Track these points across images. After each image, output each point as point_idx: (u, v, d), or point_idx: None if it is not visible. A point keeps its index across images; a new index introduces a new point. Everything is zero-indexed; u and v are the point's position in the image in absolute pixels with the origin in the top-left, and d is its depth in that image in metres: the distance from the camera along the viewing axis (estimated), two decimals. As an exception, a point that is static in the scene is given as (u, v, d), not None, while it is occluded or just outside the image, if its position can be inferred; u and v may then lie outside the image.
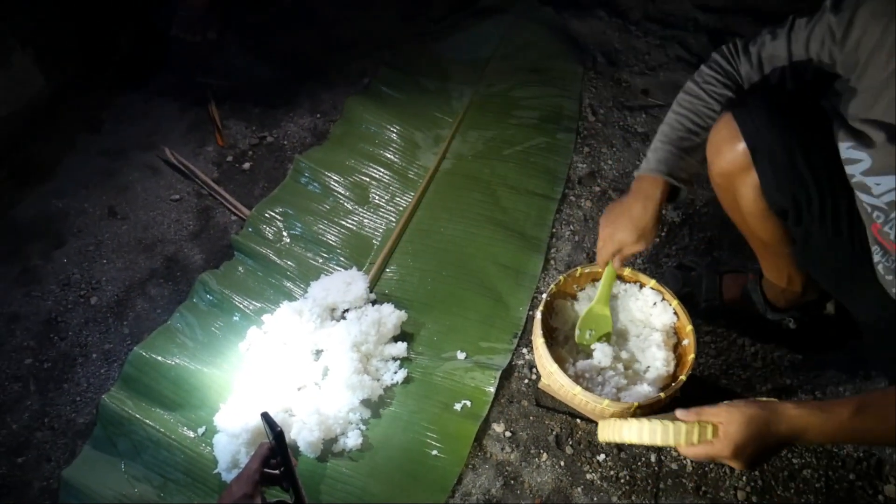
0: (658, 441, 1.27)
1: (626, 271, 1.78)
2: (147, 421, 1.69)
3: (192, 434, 1.69)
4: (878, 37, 1.21)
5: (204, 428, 1.70)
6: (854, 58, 1.26)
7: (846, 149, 1.30)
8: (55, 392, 1.80)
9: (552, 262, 2.09)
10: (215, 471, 1.63)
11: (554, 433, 1.73)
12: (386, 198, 2.25)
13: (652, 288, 1.75)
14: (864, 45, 1.23)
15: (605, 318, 1.71)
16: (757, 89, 1.43)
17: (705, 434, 1.22)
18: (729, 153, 1.47)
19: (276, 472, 1.40)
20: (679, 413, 1.28)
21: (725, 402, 1.26)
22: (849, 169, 1.31)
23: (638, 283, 1.78)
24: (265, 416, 1.44)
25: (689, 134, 1.52)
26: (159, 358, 1.78)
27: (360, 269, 2.01)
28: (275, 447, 1.40)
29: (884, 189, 1.25)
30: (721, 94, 1.48)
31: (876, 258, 1.35)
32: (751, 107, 1.42)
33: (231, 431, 1.62)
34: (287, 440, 1.63)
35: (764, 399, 1.30)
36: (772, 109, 1.39)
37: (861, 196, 1.31)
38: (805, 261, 1.60)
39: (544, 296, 1.71)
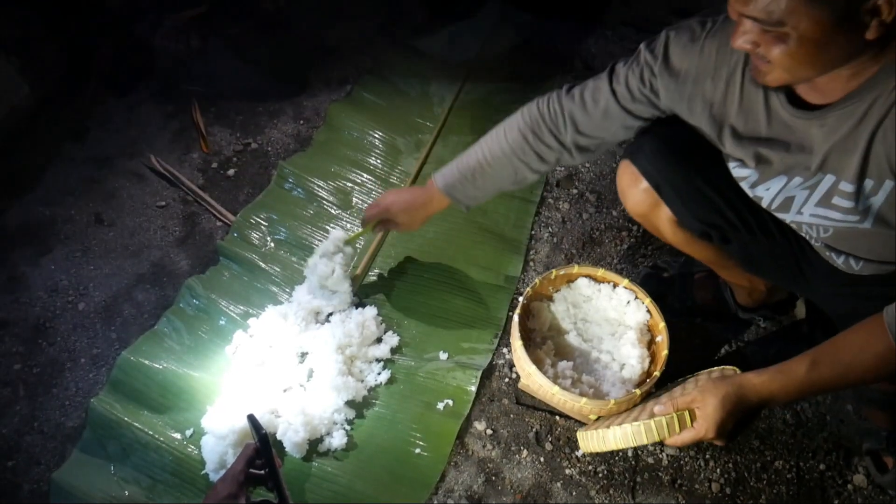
0: (644, 440, 1.33)
1: (600, 272, 1.83)
2: (135, 424, 1.72)
3: (179, 436, 1.72)
4: (696, 64, 1.30)
5: (192, 430, 1.73)
6: (682, 89, 1.34)
7: (733, 168, 1.38)
8: (44, 396, 1.83)
9: (531, 263, 2.14)
10: (203, 472, 1.66)
11: (534, 430, 1.77)
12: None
13: (625, 287, 1.80)
14: (683, 76, 1.32)
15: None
16: (646, 132, 1.49)
17: (685, 422, 1.28)
18: (636, 195, 1.56)
19: (261, 472, 1.43)
20: (657, 409, 1.35)
21: (689, 379, 1.32)
22: (741, 185, 1.39)
23: (612, 283, 1.83)
24: (251, 419, 1.48)
25: (480, 165, 1.63)
26: (147, 362, 1.82)
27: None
28: (259, 448, 1.43)
29: (772, 194, 1.33)
30: (514, 137, 1.58)
31: (812, 242, 1.42)
32: (642, 147, 1.50)
33: (218, 433, 1.65)
34: (273, 441, 1.67)
35: (719, 368, 1.38)
36: (662, 144, 1.48)
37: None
38: (749, 268, 1.67)
39: (521, 299, 1.76)
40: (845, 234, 1.28)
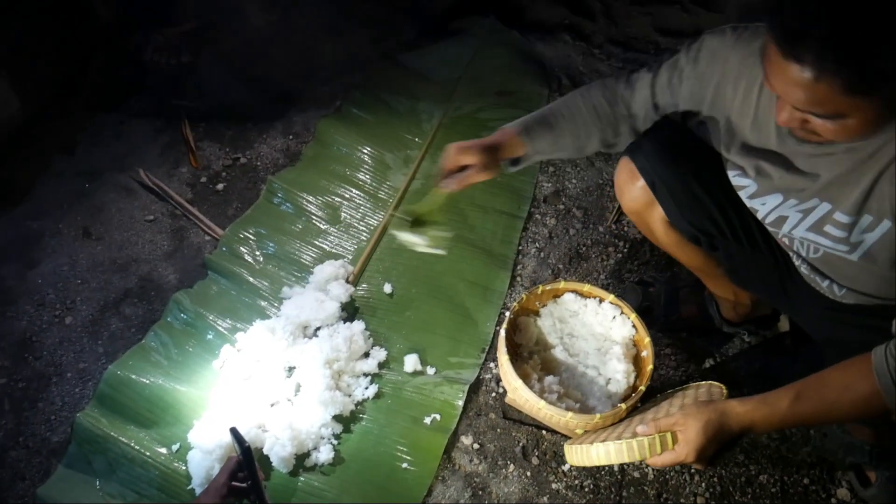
0: (626, 459, 1.35)
1: (586, 287, 1.85)
2: (122, 438, 1.71)
3: (166, 451, 1.72)
4: (720, 71, 1.32)
5: (178, 445, 1.73)
6: (702, 93, 1.37)
7: (733, 176, 1.41)
8: (30, 411, 1.82)
9: (518, 278, 2.16)
10: (189, 487, 1.66)
11: (520, 445, 1.78)
12: (357, 217, 2.30)
13: (611, 303, 1.82)
14: (707, 80, 1.34)
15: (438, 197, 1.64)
16: (648, 131, 1.52)
17: (666, 443, 1.30)
18: (632, 192, 1.59)
19: (244, 485, 1.44)
20: (639, 429, 1.36)
21: (678, 392, 1.33)
22: (740, 193, 1.41)
23: (598, 299, 1.85)
24: (233, 431, 1.48)
25: (562, 114, 1.54)
26: (134, 376, 1.81)
27: (331, 288, 2.06)
28: (242, 461, 1.44)
29: (767, 209, 1.35)
30: (591, 96, 1.53)
31: (796, 262, 1.44)
32: (642, 146, 1.53)
33: (205, 448, 1.65)
34: (260, 455, 1.68)
35: (707, 384, 1.39)
36: (663, 146, 1.50)
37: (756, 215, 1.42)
38: (735, 278, 1.70)
39: (508, 314, 1.77)
40: (833, 259, 1.31)
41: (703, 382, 1.61)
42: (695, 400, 1.39)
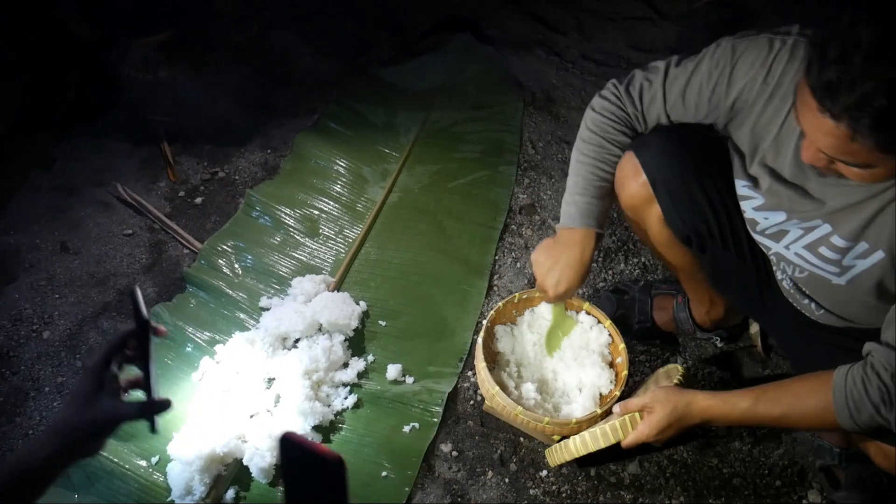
0: (602, 444, 1.48)
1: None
2: (100, 451, 1.70)
3: (145, 463, 1.71)
4: (758, 86, 1.33)
5: (157, 457, 1.72)
6: (736, 106, 1.38)
7: (741, 186, 1.44)
8: (7, 426, 1.81)
9: (495, 288, 2.18)
10: (169, 499, 1.65)
11: (499, 451, 1.80)
12: (335, 230, 2.32)
13: (586, 311, 1.86)
14: (744, 94, 1.36)
15: (569, 321, 1.86)
16: (657, 129, 1.53)
17: (636, 422, 1.44)
18: (632, 187, 1.60)
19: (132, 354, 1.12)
20: (614, 409, 1.50)
21: (650, 390, 1.42)
22: (742, 204, 1.45)
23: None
24: (131, 294, 1.10)
25: (602, 182, 1.59)
26: (112, 389, 1.81)
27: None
28: (134, 331, 1.10)
29: (769, 223, 1.40)
30: (619, 141, 1.56)
31: (778, 276, 1.49)
32: (649, 143, 1.55)
33: (184, 459, 1.65)
34: (240, 466, 1.68)
35: (665, 368, 1.46)
36: (667, 144, 1.52)
37: (749, 229, 1.47)
38: (716, 285, 1.74)
39: (485, 322, 1.80)
40: (818, 280, 1.36)
41: (662, 368, 1.68)
42: (656, 381, 1.48)
